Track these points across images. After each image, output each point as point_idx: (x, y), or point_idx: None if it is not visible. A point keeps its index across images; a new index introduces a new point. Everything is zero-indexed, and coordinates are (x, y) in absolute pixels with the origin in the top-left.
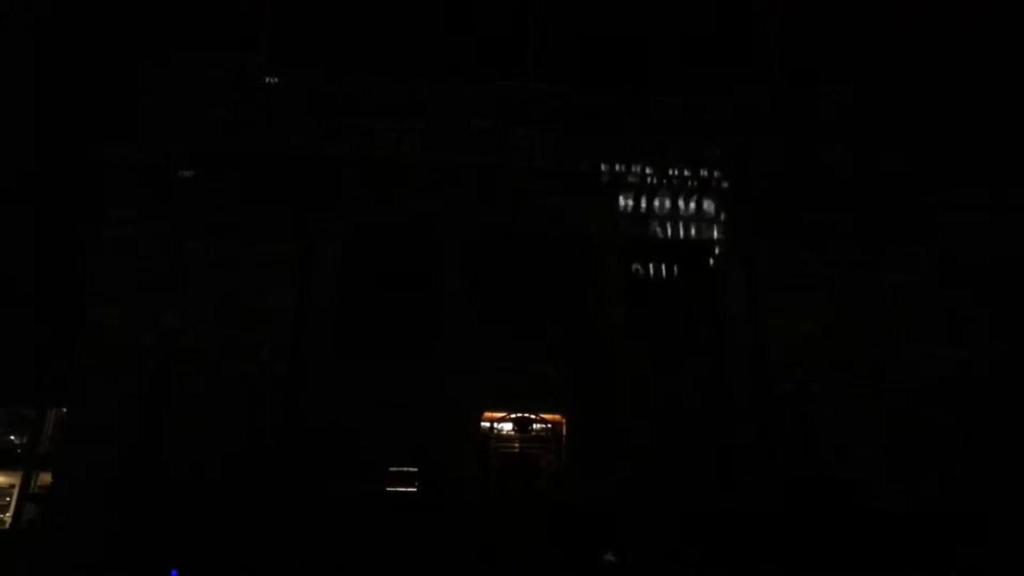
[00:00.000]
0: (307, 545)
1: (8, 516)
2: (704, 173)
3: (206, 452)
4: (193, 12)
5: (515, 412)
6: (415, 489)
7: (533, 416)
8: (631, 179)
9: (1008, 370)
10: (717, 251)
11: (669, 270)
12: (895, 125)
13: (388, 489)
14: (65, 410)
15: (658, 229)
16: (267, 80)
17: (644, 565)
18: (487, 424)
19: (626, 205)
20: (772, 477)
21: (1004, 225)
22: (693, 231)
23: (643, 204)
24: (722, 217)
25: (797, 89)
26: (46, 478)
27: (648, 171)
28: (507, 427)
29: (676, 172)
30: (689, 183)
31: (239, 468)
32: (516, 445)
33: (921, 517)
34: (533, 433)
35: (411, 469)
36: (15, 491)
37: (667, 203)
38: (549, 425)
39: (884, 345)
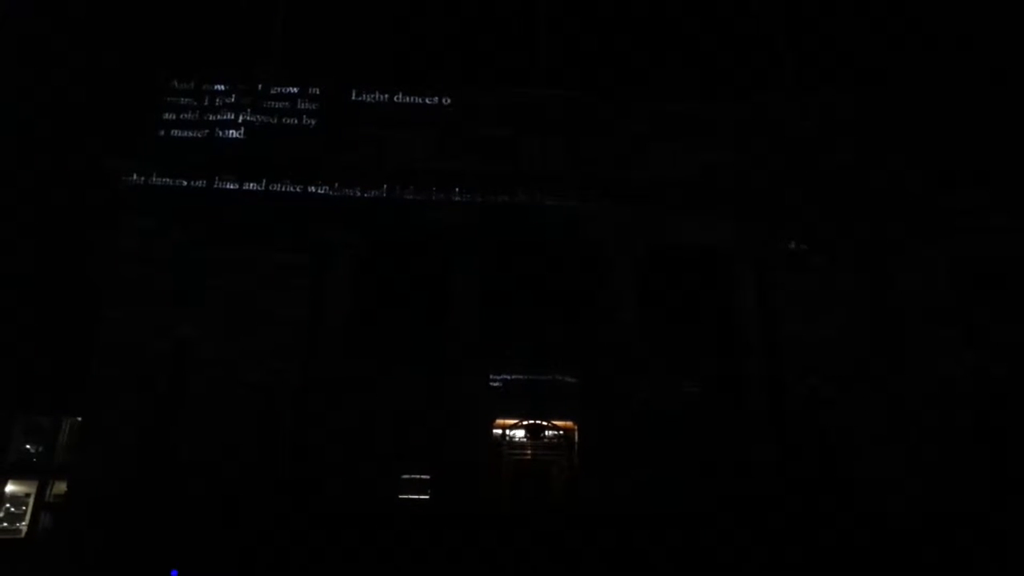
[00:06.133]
0: (318, 552)
1: (24, 525)
2: (715, 178)
3: (219, 459)
4: (207, 24)
5: (527, 419)
6: (427, 496)
7: (545, 423)
8: (642, 184)
9: (1023, 373)
10: (729, 256)
11: (681, 275)
12: (905, 128)
13: (400, 496)
14: (80, 419)
15: (670, 234)
16: (280, 91)
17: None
18: (499, 431)
19: (637, 210)
20: (787, 480)
21: (1017, 228)
22: (705, 236)
23: (654, 209)
24: (734, 222)
25: (806, 92)
26: (61, 487)
27: (658, 176)
28: (519, 434)
29: (686, 177)
30: (700, 188)
31: (253, 475)
32: (528, 452)
33: (936, 519)
34: (545, 440)
35: (424, 476)
36: (31, 500)
37: (678, 208)
38: (561, 432)
39: (897, 349)
